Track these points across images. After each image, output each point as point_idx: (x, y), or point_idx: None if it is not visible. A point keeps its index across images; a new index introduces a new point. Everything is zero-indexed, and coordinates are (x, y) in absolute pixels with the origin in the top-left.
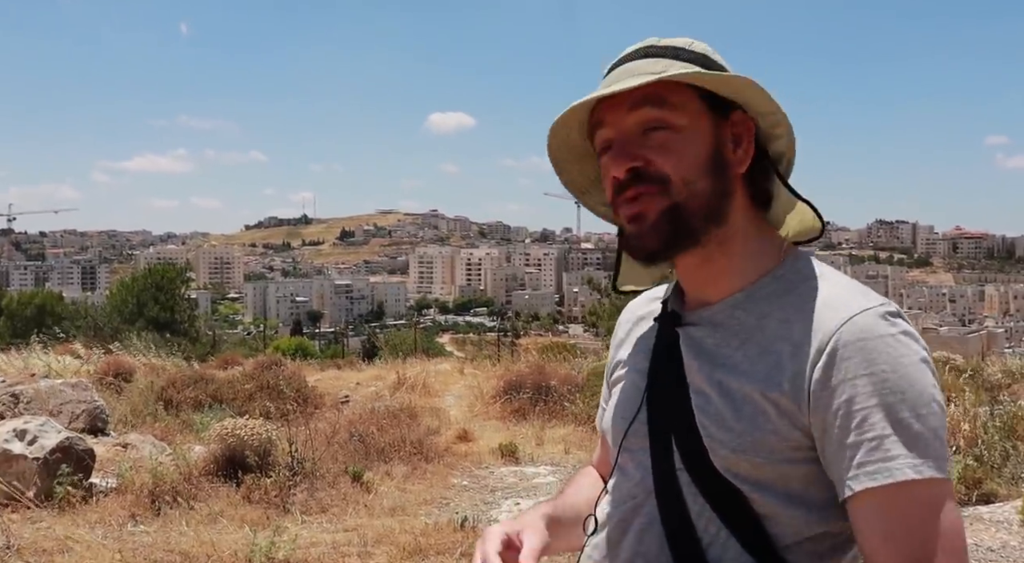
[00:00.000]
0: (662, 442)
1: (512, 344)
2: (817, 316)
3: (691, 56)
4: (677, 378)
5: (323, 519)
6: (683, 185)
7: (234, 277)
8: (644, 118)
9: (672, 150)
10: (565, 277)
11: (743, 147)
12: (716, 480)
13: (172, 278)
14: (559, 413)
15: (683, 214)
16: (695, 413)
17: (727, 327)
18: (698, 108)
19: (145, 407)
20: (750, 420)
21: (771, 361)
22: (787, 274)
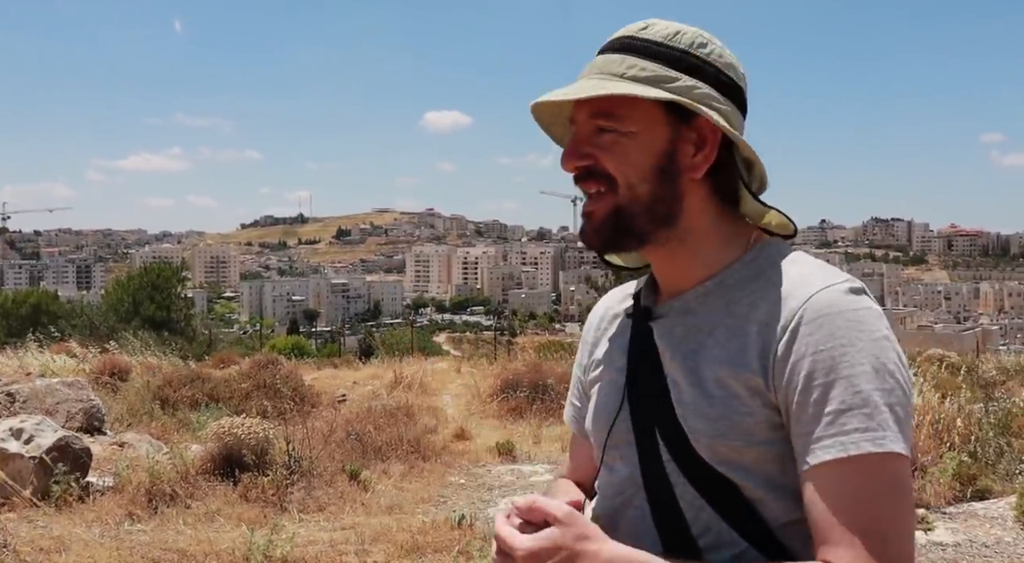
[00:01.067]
0: (647, 435)
1: (509, 343)
2: (782, 296)
3: (667, 55)
4: (654, 371)
5: (320, 517)
6: (626, 188)
7: (230, 276)
8: (597, 122)
9: (617, 153)
10: (562, 275)
11: (704, 152)
12: (703, 469)
13: (168, 277)
14: (556, 411)
15: (624, 216)
16: (673, 404)
17: (697, 315)
18: (652, 116)
19: (141, 406)
20: (724, 405)
21: (739, 343)
22: (756, 260)
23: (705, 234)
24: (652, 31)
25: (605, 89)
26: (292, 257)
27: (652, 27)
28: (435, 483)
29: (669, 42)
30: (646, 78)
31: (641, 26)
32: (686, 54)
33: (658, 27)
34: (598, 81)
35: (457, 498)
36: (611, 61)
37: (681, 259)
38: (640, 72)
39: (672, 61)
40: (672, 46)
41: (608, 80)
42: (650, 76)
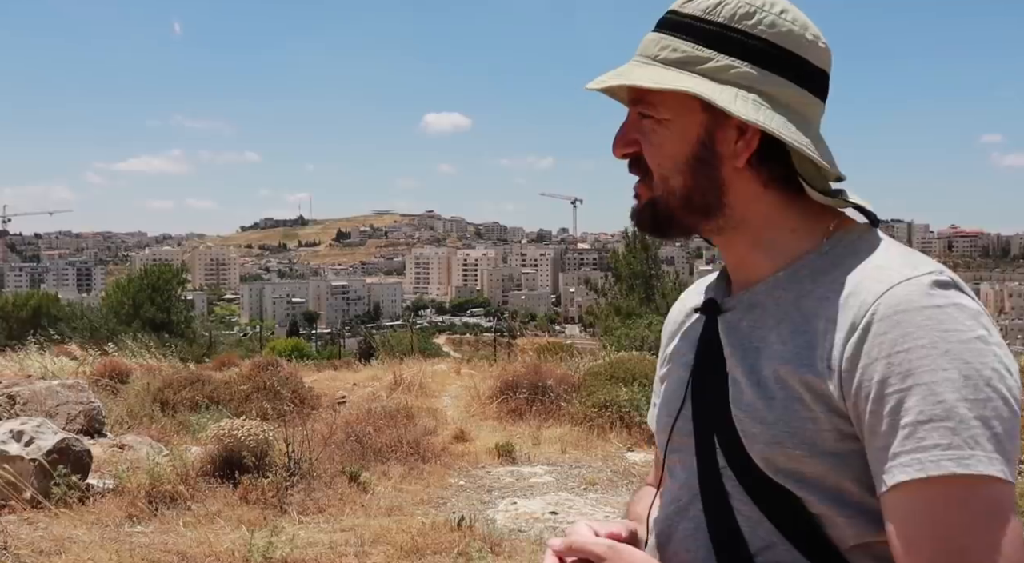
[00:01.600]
0: (706, 439)
1: (508, 344)
2: (856, 289)
3: (703, 31)
4: (717, 368)
5: (320, 519)
6: (661, 181)
7: (230, 278)
8: (637, 108)
9: (654, 143)
10: (561, 277)
11: (746, 138)
12: (760, 479)
13: (168, 279)
14: (555, 413)
15: (660, 209)
16: (730, 405)
17: (764, 309)
18: (685, 101)
19: (142, 408)
20: (784, 407)
21: (805, 340)
22: (835, 249)
23: (766, 223)
24: (693, 4)
25: (618, 80)
26: (292, 259)
27: (697, 1)
28: (435, 485)
29: (707, 15)
30: (675, 60)
31: None
32: (725, 28)
33: (705, 1)
34: (629, 66)
35: (457, 500)
36: (649, 41)
37: (742, 249)
38: (671, 54)
39: (708, 38)
40: (709, 20)
41: (640, 64)
42: (679, 58)
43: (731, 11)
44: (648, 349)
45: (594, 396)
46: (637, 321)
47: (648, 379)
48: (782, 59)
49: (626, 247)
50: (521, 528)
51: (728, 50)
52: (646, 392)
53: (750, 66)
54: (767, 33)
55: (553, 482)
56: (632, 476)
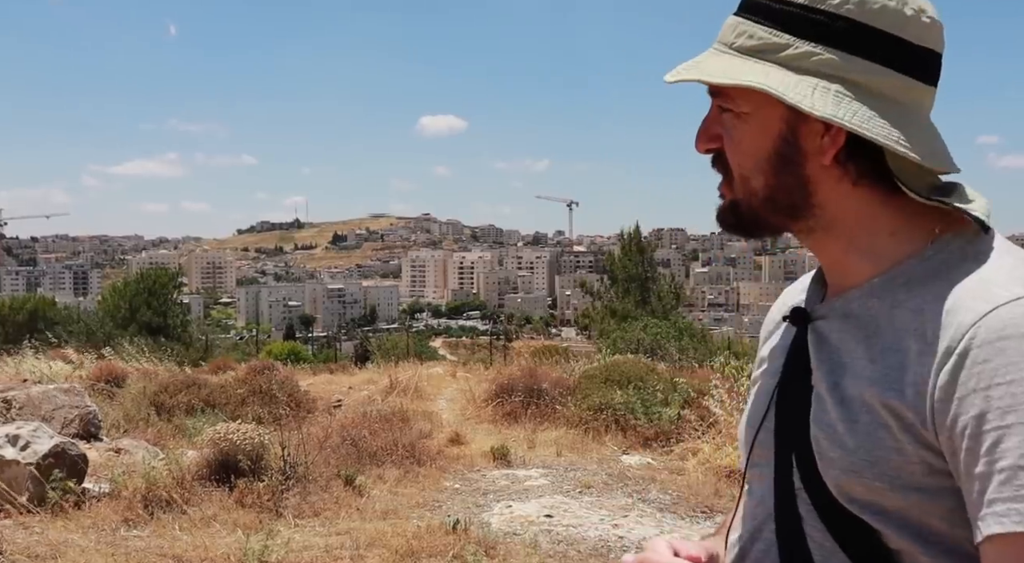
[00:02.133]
0: (784, 456)
1: (505, 347)
2: (955, 305)
3: (783, 14)
4: (804, 382)
5: (316, 523)
6: (741, 181)
7: (226, 281)
8: (716, 101)
9: (734, 138)
10: (558, 280)
11: (831, 133)
12: (836, 505)
13: (165, 283)
14: (551, 416)
15: (742, 211)
16: (811, 423)
17: (856, 319)
18: (765, 94)
19: (138, 412)
20: (866, 433)
21: (895, 360)
22: (937, 255)
23: (859, 224)
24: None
25: (686, 73)
26: (288, 262)
27: None
28: (430, 488)
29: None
30: (751, 48)
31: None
32: (807, 9)
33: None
34: (705, 55)
35: (452, 503)
36: (728, 26)
37: (836, 252)
38: (747, 41)
39: (787, 21)
40: (791, 1)
41: (715, 54)
42: (755, 45)
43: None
44: (643, 352)
45: (589, 399)
46: (633, 324)
47: (644, 382)
48: (873, 41)
49: (622, 250)
50: (516, 531)
51: (809, 35)
52: (641, 395)
53: (834, 52)
54: (855, 12)
55: (548, 485)
56: (627, 479)
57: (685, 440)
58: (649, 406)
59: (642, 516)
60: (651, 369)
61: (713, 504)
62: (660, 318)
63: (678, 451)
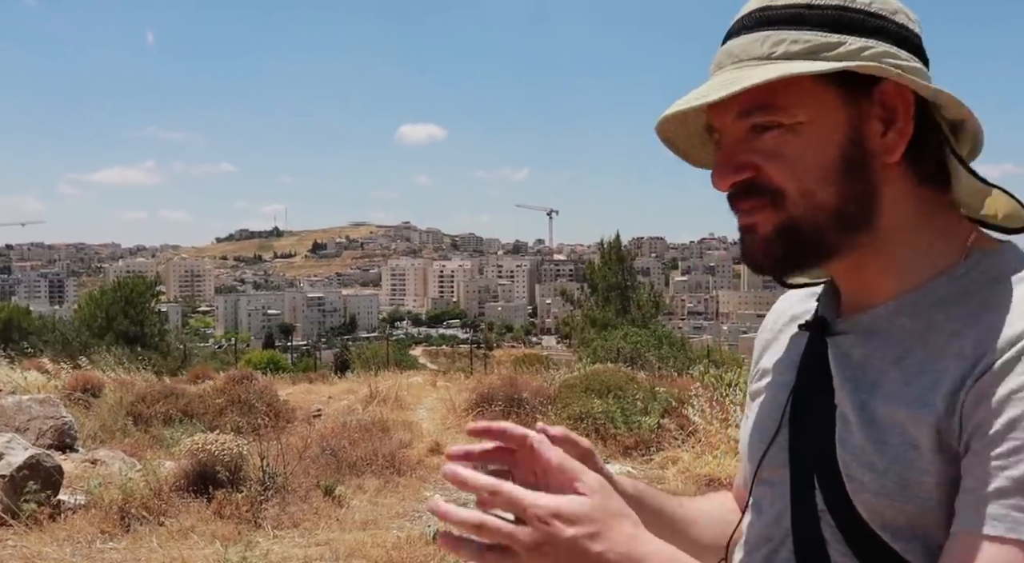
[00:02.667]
0: (804, 475)
1: (485, 356)
2: (996, 324)
3: (819, 18)
4: (824, 398)
5: (295, 534)
6: (800, 197)
7: (205, 290)
8: (751, 121)
9: (786, 156)
10: (538, 288)
11: (897, 127)
12: (863, 531)
13: (142, 292)
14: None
15: (802, 231)
16: (836, 444)
17: (885, 336)
18: (822, 97)
19: (114, 422)
20: (896, 455)
21: (929, 381)
22: (970, 274)
23: (903, 235)
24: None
25: (750, 79)
26: (267, 271)
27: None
28: (410, 498)
29: (817, 1)
30: (801, 51)
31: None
32: (842, 10)
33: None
34: (737, 71)
35: None
36: (749, 43)
37: (871, 269)
38: (792, 46)
39: (828, 23)
40: (822, 5)
41: (753, 66)
42: (806, 48)
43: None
44: (623, 360)
45: (569, 408)
46: (613, 332)
47: (624, 391)
48: (900, 35)
49: (602, 259)
50: None
51: (855, 31)
52: (621, 404)
53: (881, 43)
54: (883, 10)
55: None
56: None
57: (665, 449)
58: (629, 415)
59: None
60: (631, 378)
61: None
62: (640, 326)
63: (658, 460)
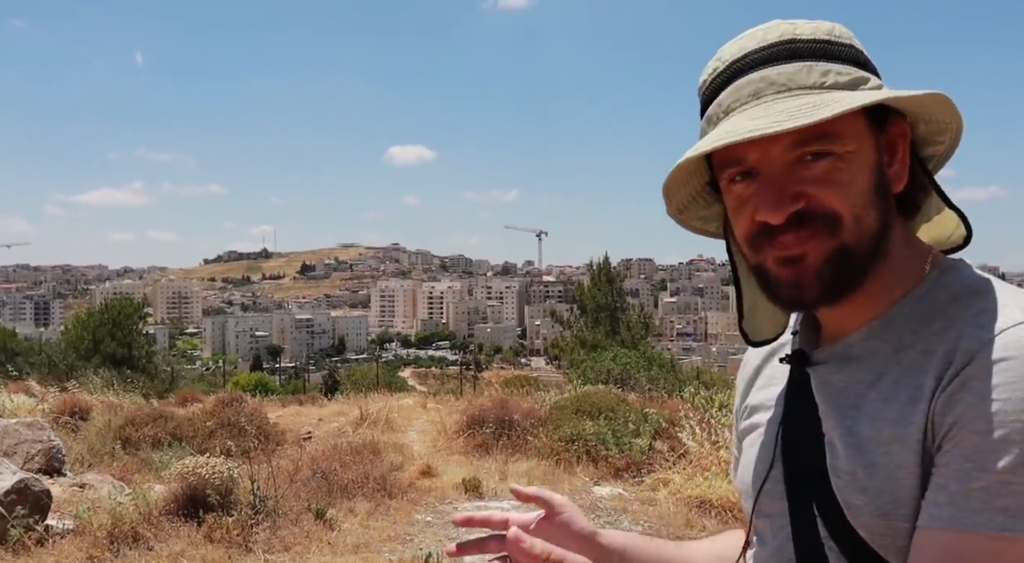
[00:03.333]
0: (802, 506)
1: (474, 378)
2: (959, 336)
3: (846, 54)
4: (812, 427)
5: (286, 557)
6: (854, 223)
7: (192, 312)
8: (806, 150)
9: (839, 182)
10: (527, 310)
11: (899, 157)
12: (870, 554)
13: (130, 313)
14: (522, 447)
15: (851, 257)
16: (829, 474)
17: (860, 362)
18: (861, 128)
19: (103, 446)
20: (886, 476)
21: (907, 397)
22: (932, 293)
23: (893, 262)
24: (809, 30)
25: (839, 105)
26: (256, 292)
27: (798, 27)
28: (401, 521)
29: (838, 39)
30: (847, 83)
31: (786, 28)
32: (855, 50)
33: (805, 26)
34: (794, 101)
35: (424, 536)
36: (795, 72)
37: (857, 297)
38: (839, 77)
39: (849, 58)
40: (843, 42)
41: (813, 94)
42: (850, 80)
43: (842, 31)
44: (613, 382)
45: (560, 430)
46: (603, 353)
47: (614, 412)
48: None
49: (591, 280)
50: None
51: (866, 68)
52: (612, 426)
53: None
54: (865, 50)
55: None
56: (599, 510)
57: (656, 471)
58: (620, 437)
59: None
60: (621, 399)
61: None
62: (630, 348)
63: (649, 482)
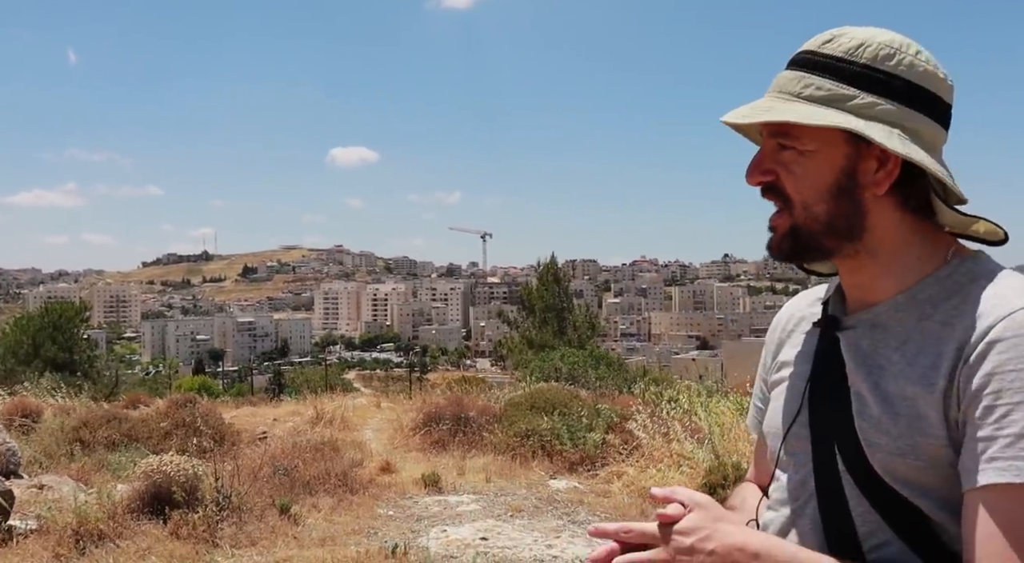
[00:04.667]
0: (824, 445)
1: (420, 379)
2: (977, 314)
3: (846, 71)
4: (838, 382)
5: (253, 552)
6: (802, 208)
7: (131, 315)
8: (777, 140)
9: (795, 173)
10: (472, 311)
11: (887, 168)
12: (879, 485)
13: (71, 317)
14: (478, 443)
15: (802, 235)
16: (854, 417)
17: (886, 329)
18: (830, 134)
19: (58, 448)
20: (908, 423)
21: (929, 362)
22: (952, 276)
23: (897, 248)
24: (834, 45)
25: (768, 115)
26: (196, 296)
27: (836, 40)
28: (364, 515)
29: (850, 56)
30: (821, 98)
31: (825, 39)
32: (868, 69)
33: (842, 40)
34: (773, 101)
35: (387, 529)
36: (789, 79)
37: (871, 272)
38: (815, 92)
39: (851, 77)
40: (852, 61)
41: (782, 100)
42: (825, 96)
43: (873, 53)
44: (564, 380)
45: (516, 426)
46: (551, 353)
47: (568, 408)
48: (920, 97)
49: (539, 280)
50: (454, 554)
51: (871, 89)
52: (566, 421)
53: (892, 103)
54: (907, 73)
55: (480, 510)
56: (556, 502)
57: (610, 464)
58: (574, 432)
59: (573, 537)
60: (574, 395)
61: None
62: (577, 348)
63: (603, 475)
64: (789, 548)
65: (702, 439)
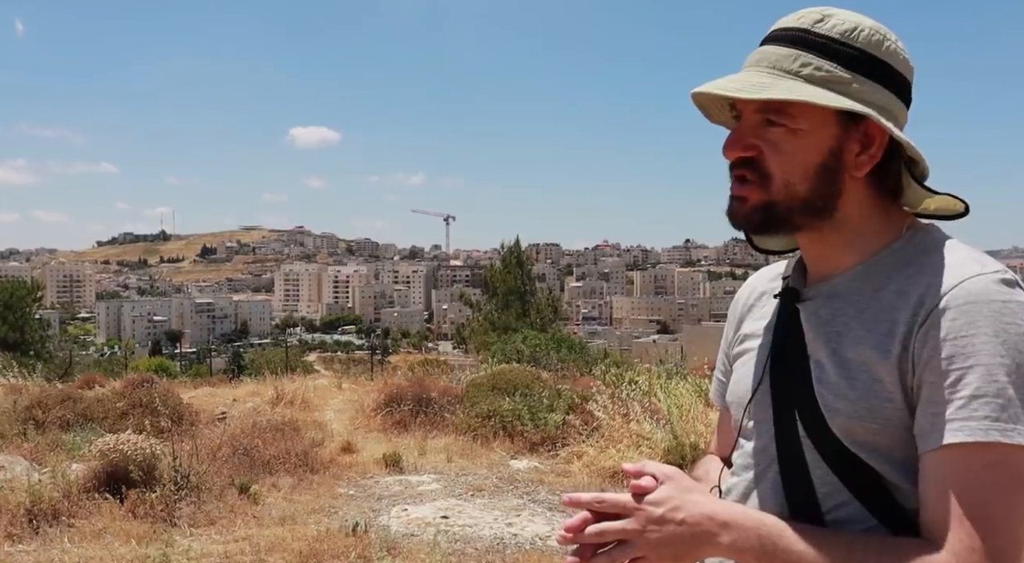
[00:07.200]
0: (785, 412)
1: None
2: (930, 283)
3: (845, 54)
4: (798, 350)
5: (212, 531)
6: (783, 186)
7: (85, 296)
8: (767, 116)
9: (783, 151)
10: (434, 294)
11: (870, 152)
12: (838, 448)
13: (23, 296)
14: (440, 424)
15: (777, 211)
16: (813, 383)
17: (844, 298)
18: (824, 115)
19: (11, 428)
20: (865, 387)
21: (885, 328)
22: (906, 247)
23: (860, 223)
24: (829, 25)
25: (789, 92)
26: (153, 276)
27: (829, 20)
28: (325, 495)
29: (847, 39)
30: (822, 79)
31: (816, 18)
32: (863, 53)
33: (835, 20)
34: (769, 77)
35: (348, 508)
36: (783, 56)
37: (833, 245)
38: (815, 72)
39: (849, 61)
40: (850, 43)
41: (781, 77)
42: (826, 77)
43: (867, 37)
44: (526, 362)
45: (477, 407)
46: (514, 335)
47: (529, 389)
48: (898, 83)
49: (503, 263)
50: (414, 532)
51: (868, 73)
52: (528, 402)
53: (882, 89)
54: (893, 59)
55: (441, 489)
56: (517, 482)
57: (570, 444)
58: (535, 412)
59: (533, 515)
60: (536, 377)
61: None
62: (539, 330)
63: (564, 455)
64: (754, 515)
65: (661, 420)
